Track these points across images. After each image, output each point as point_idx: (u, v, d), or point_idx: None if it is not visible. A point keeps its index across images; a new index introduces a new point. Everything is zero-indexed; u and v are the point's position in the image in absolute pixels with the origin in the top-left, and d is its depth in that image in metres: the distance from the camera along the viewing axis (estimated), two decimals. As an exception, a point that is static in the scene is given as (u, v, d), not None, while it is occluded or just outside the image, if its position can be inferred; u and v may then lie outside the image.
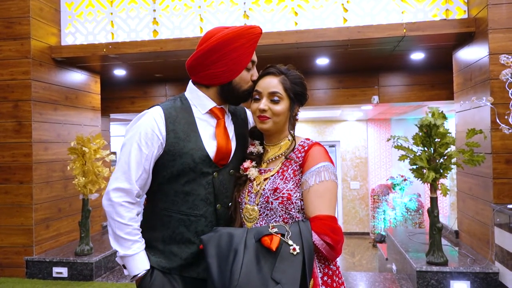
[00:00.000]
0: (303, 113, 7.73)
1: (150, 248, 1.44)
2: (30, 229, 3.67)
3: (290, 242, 1.24)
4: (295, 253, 1.22)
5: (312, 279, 1.27)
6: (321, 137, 9.33)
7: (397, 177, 8.23)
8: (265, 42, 3.62)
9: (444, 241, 3.68)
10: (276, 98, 1.41)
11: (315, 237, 1.27)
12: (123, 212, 1.37)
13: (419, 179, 3.08)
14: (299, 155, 1.41)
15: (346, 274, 3.75)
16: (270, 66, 1.46)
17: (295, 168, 1.40)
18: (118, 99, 5.72)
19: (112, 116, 6.08)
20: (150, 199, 1.50)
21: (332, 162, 1.40)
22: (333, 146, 9.72)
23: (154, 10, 3.91)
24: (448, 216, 7.50)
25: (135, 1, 3.94)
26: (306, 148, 1.41)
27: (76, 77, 4.37)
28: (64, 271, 3.64)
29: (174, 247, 1.42)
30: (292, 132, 1.46)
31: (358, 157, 9.23)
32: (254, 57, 1.50)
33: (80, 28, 4.04)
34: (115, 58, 4.03)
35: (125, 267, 1.41)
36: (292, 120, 1.46)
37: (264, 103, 1.41)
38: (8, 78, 3.67)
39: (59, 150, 4.01)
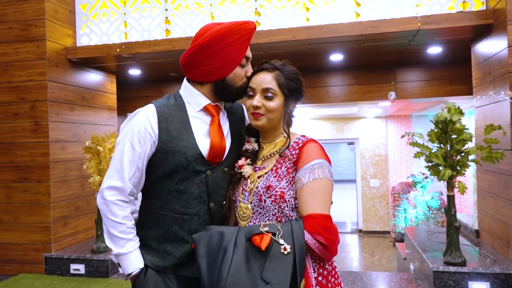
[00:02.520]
0: (320, 111, 7.65)
1: (144, 247, 1.44)
2: (49, 226, 3.75)
3: (281, 241, 1.21)
4: (285, 252, 1.19)
5: (304, 279, 1.23)
6: (340, 135, 9.21)
7: (418, 174, 8.04)
8: (276, 39, 3.58)
9: (464, 241, 3.56)
10: (269, 94, 1.38)
11: (307, 236, 1.23)
12: (117, 210, 1.37)
13: (435, 176, 2.99)
14: (293, 152, 1.37)
15: (361, 273, 3.68)
16: (264, 62, 1.43)
17: (289, 165, 1.36)
18: (134, 98, 5.79)
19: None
20: (145, 198, 1.50)
21: (328, 160, 1.36)
22: (352, 143, 9.59)
23: (166, 10, 3.93)
24: (472, 215, 7.28)
25: (148, 1, 3.97)
26: (300, 145, 1.37)
27: (92, 77, 4.44)
28: (81, 268, 3.71)
29: (168, 246, 1.42)
30: (286, 129, 1.42)
31: (378, 155, 9.06)
32: (249, 53, 1.47)
33: (95, 29, 4.10)
34: (129, 58, 4.07)
35: (119, 265, 1.41)
36: (287, 116, 1.42)
37: (257, 100, 1.39)
38: (25, 79, 3.77)
39: (75, 149, 4.09)
